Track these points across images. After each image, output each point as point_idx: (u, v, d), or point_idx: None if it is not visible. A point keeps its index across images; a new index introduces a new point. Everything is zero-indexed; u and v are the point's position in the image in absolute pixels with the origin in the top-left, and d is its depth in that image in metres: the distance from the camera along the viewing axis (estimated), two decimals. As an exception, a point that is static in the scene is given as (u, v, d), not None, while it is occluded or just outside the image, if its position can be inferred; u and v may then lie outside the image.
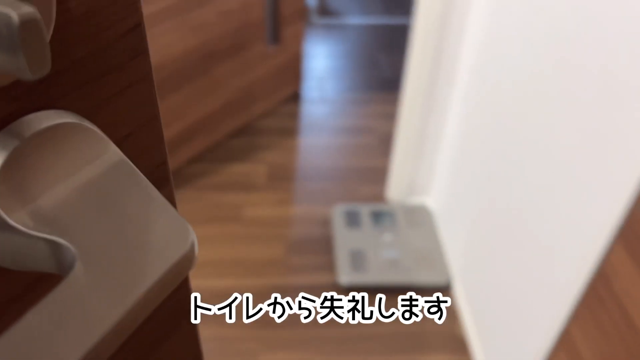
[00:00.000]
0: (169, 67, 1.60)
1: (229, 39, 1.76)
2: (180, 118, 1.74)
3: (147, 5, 1.43)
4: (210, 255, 1.56)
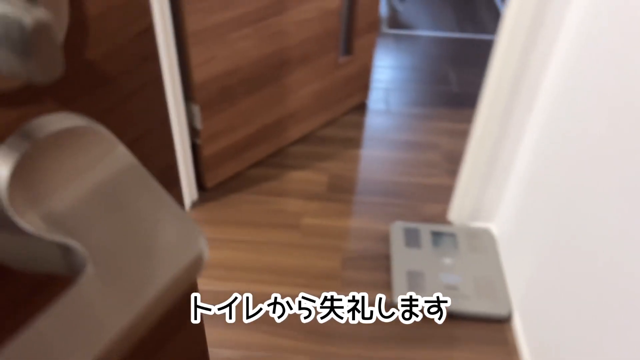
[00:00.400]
0: (242, 72, 1.62)
1: (302, 48, 1.77)
2: (248, 122, 1.76)
3: (226, 11, 1.46)
4: (268, 261, 1.57)
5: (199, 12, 1.40)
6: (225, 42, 1.51)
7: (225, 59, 1.54)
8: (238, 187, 1.82)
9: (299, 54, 1.77)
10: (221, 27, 1.47)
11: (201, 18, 1.41)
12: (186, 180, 1.66)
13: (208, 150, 1.69)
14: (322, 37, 1.82)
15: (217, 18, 1.45)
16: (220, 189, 1.80)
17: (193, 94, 1.54)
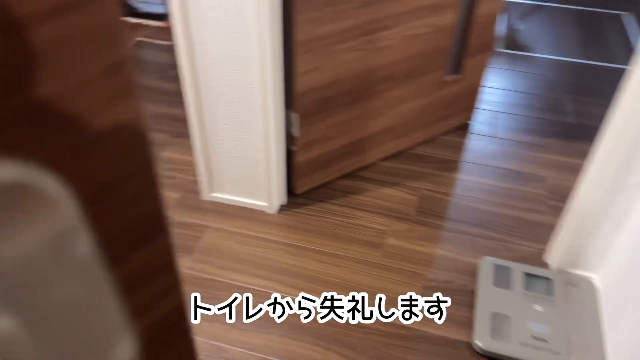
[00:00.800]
0: (344, 83, 1.61)
1: (408, 63, 1.71)
2: (344, 133, 1.74)
3: (335, 23, 1.45)
4: (344, 277, 1.54)
5: (309, 23, 1.40)
6: (330, 53, 1.50)
7: (329, 69, 1.54)
8: (326, 196, 1.81)
9: (403, 70, 1.72)
10: (329, 38, 1.47)
11: (310, 28, 1.41)
12: (277, 184, 1.67)
13: (302, 157, 1.70)
14: (430, 54, 1.75)
15: (326, 29, 1.44)
16: (309, 196, 1.81)
17: (294, 102, 1.55)
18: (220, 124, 1.56)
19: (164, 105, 2.19)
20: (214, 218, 1.71)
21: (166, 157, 1.94)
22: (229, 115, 1.53)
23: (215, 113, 1.53)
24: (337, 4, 1.42)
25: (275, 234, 1.67)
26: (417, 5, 1.58)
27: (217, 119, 1.55)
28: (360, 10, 1.47)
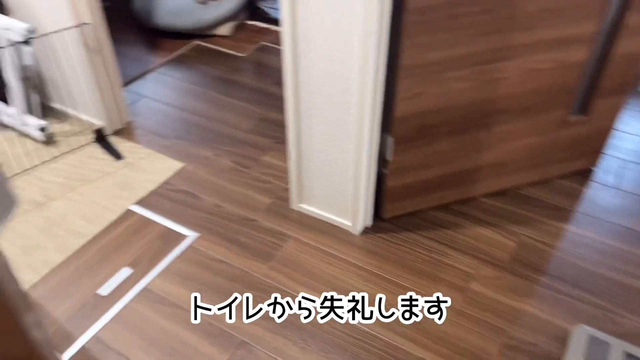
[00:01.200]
0: (449, 112, 1.52)
1: (525, 99, 1.57)
2: (443, 163, 1.65)
3: (446, 50, 1.37)
4: (418, 316, 1.46)
5: (416, 47, 1.34)
6: (437, 80, 1.43)
7: (433, 96, 1.46)
8: (415, 226, 1.73)
9: (519, 105, 1.58)
10: (437, 65, 1.39)
11: (418, 53, 1.35)
12: (364, 205, 1.63)
13: (393, 181, 1.64)
14: (552, 91, 1.59)
15: (435, 55, 1.37)
16: (396, 222, 1.74)
17: (390, 125, 1.50)
18: (315, 139, 1.56)
19: (274, 110, 2.25)
20: (298, 229, 1.71)
21: (266, 162, 1.99)
22: (325, 132, 1.52)
23: (311, 127, 1.53)
24: (451, 31, 1.34)
25: (354, 255, 1.63)
26: (542, 38, 1.44)
27: (312, 133, 1.55)
28: (476, 38, 1.38)
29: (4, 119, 2.05)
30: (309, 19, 1.32)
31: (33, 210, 1.75)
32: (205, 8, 2.68)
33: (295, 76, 1.44)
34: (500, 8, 1.34)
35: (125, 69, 2.51)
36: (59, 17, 1.85)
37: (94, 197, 1.81)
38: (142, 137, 2.10)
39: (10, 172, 1.90)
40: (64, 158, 1.97)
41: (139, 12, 2.73)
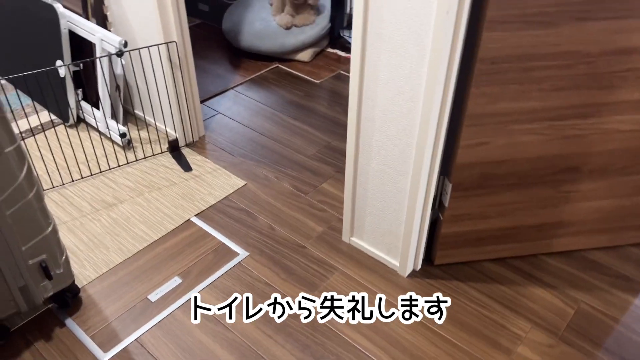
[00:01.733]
0: (514, 165, 1.46)
1: (603, 159, 1.48)
2: (503, 216, 1.58)
3: (515, 102, 1.32)
4: (456, 373, 1.39)
5: (484, 97, 1.31)
6: (504, 132, 1.38)
7: (498, 147, 1.41)
8: (466, 277, 1.66)
9: (594, 164, 1.49)
10: (505, 116, 1.35)
11: (484, 103, 1.32)
12: (414, 248, 1.60)
13: (448, 228, 1.59)
14: (632, 154, 1.49)
15: (503, 107, 1.33)
16: (447, 270, 1.68)
17: (450, 170, 1.46)
18: (371, 175, 1.55)
19: (339, 139, 2.27)
20: (346, 262, 1.70)
21: (324, 189, 2.00)
22: (381, 169, 1.51)
23: (369, 163, 1.53)
24: (523, 83, 1.30)
25: (397, 298, 1.59)
26: (625, 98, 1.36)
27: (369, 169, 1.54)
28: (550, 93, 1.32)
29: (91, 121, 2.22)
30: (377, 58, 1.33)
31: (102, 210, 1.87)
32: (289, 33, 2.77)
33: (358, 112, 1.45)
34: (580, 65, 1.28)
35: (207, 84, 2.64)
36: (150, 33, 1.99)
37: (158, 204, 1.90)
38: (212, 152, 2.19)
39: (90, 171, 2.05)
40: (137, 163, 2.10)
41: (228, 32, 2.87)
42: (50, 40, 2.10)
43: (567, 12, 1.19)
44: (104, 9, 2.11)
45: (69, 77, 2.10)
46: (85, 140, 2.18)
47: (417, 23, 1.20)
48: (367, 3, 1.25)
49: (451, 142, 1.44)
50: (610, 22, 1.22)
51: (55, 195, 1.94)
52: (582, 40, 1.24)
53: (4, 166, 1.19)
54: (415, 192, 1.46)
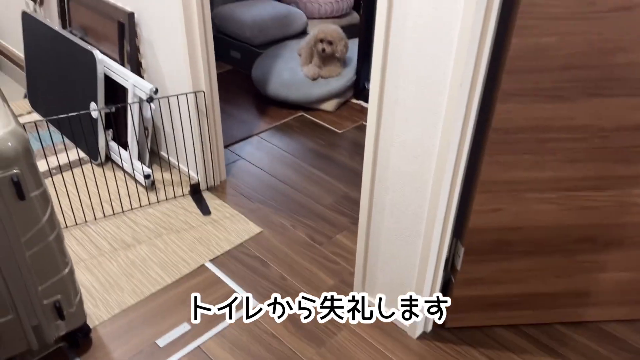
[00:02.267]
0: (529, 232, 1.45)
1: (620, 231, 1.46)
2: (518, 282, 1.56)
3: (530, 171, 1.32)
4: None
5: (497, 165, 1.32)
6: (518, 199, 1.38)
7: (512, 214, 1.41)
8: (477, 341, 1.63)
9: (610, 236, 1.47)
10: (518, 184, 1.35)
11: (498, 170, 1.33)
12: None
13: (460, 291, 1.57)
14: (651, 228, 1.46)
15: (517, 175, 1.33)
16: (458, 333, 1.65)
17: (464, 234, 1.46)
18: (384, 233, 1.56)
19: (357, 190, 2.30)
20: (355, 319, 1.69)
21: (338, 241, 2.01)
22: (394, 228, 1.52)
23: (382, 221, 1.54)
24: (537, 153, 1.30)
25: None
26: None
27: (382, 227, 1.55)
28: (565, 164, 1.32)
29: (118, 161, 2.30)
30: (392, 120, 1.36)
31: (121, 250, 1.92)
32: (315, 84, 2.85)
33: (372, 170, 1.48)
34: (595, 139, 1.28)
35: (232, 130, 2.72)
36: (180, 81, 2.07)
37: (175, 247, 1.94)
38: (231, 196, 2.24)
39: (113, 210, 2.11)
40: (159, 205, 2.15)
41: (257, 80, 2.97)
42: (86, 83, 2.21)
43: (581, 88, 1.21)
44: (138, 56, 2.22)
45: (100, 119, 2.20)
46: (111, 179, 2.26)
47: (431, 92, 1.23)
48: (384, 70, 1.30)
49: (464, 207, 1.44)
50: (625, 99, 1.23)
51: (77, 233, 2.00)
52: (596, 115, 1.25)
53: (29, 209, 1.25)
54: (427, 254, 1.46)
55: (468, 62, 1.14)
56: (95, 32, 2.38)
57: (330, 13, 3.51)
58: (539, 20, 1.12)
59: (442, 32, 1.15)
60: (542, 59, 1.17)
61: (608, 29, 1.13)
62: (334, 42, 2.82)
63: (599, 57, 1.17)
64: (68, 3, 2.51)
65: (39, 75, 2.58)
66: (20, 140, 1.19)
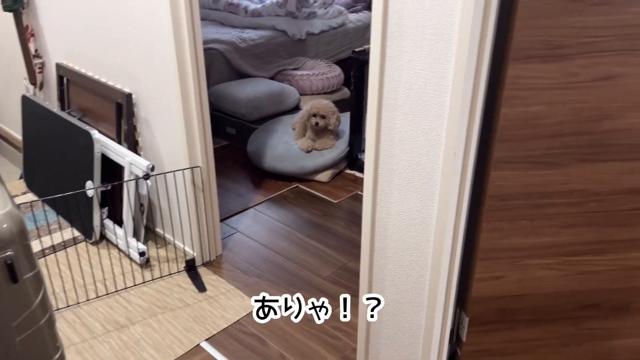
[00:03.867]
0: (533, 300, 1.42)
1: (624, 296, 1.44)
2: (527, 352, 1.51)
3: (528, 237, 1.32)
4: None
5: (495, 232, 1.31)
6: (518, 266, 1.37)
7: (514, 281, 1.39)
8: (489, 418, 1.54)
9: (615, 301, 1.44)
10: (518, 251, 1.34)
11: (496, 237, 1.32)
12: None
13: (467, 365, 1.52)
14: (656, 292, 1.44)
15: (515, 242, 1.33)
16: (468, 410, 1.57)
17: (466, 305, 1.43)
18: (385, 305, 1.52)
19: (356, 260, 2.27)
20: (359, 397, 1.61)
21: (339, 314, 1.96)
22: (395, 299, 1.49)
23: (382, 292, 1.51)
24: (534, 219, 1.31)
25: None
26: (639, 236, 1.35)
27: (384, 300, 1.52)
28: (562, 229, 1.33)
29: (113, 239, 2.28)
30: (389, 191, 1.37)
31: (114, 332, 1.85)
32: (309, 156, 2.90)
33: (371, 240, 1.47)
34: (590, 203, 1.29)
35: (228, 203, 2.72)
36: (177, 157, 2.10)
37: (170, 326, 1.88)
38: (227, 271, 2.20)
39: (106, 290, 2.06)
40: (153, 283, 2.11)
41: (252, 154, 3.02)
42: (83, 162, 2.23)
43: (572, 154, 1.23)
44: (135, 134, 2.26)
45: (96, 198, 2.20)
46: (105, 258, 2.22)
47: (426, 161, 1.25)
48: (378, 141, 1.32)
49: (466, 275, 1.42)
50: (617, 164, 1.25)
51: (69, 315, 1.93)
52: (590, 180, 1.27)
53: (21, 292, 1.21)
54: (431, 325, 1.42)
55: (460, 132, 1.16)
56: (93, 112, 2.43)
57: (322, 89, 3.63)
58: (526, 91, 1.16)
59: (433, 103, 1.19)
60: (532, 127, 1.20)
61: (593, 98, 1.17)
62: (326, 116, 2.90)
63: (587, 124, 1.20)
64: (68, 86, 2.59)
65: (37, 155, 2.61)
66: (16, 222, 1.18)
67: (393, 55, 1.22)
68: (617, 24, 1.10)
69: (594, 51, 1.13)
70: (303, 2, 4.02)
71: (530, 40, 1.11)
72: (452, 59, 1.12)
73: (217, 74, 3.58)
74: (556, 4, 1.08)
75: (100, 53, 2.27)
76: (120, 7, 2.03)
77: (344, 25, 4.21)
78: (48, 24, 2.59)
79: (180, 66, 1.88)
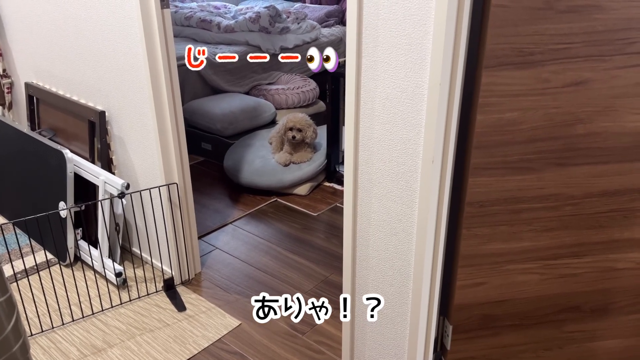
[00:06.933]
0: (515, 305, 1.43)
1: (603, 297, 1.46)
2: (509, 358, 1.51)
3: (508, 242, 1.33)
4: None
5: (475, 238, 1.32)
6: (500, 272, 1.38)
7: (496, 287, 1.40)
8: None
9: (595, 303, 1.46)
10: (498, 257, 1.35)
11: (476, 244, 1.33)
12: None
13: (452, 373, 1.51)
14: (635, 292, 1.46)
15: (495, 247, 1.34)
16: (455, 419, 1.56)
17: (449, 312, 1.43)
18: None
19: (337, 273, 2.25)
20: (345, 412, 1.59)
21: (322, 329, 1.94)
22: (379, 311, 1.48)
23: (366, 305, 1.50)
24: (513, 224, 1.32)
25: None
26: (615, 237, 1.37)
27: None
28: (541, 234, 1.34)
29: (88, 260, 2.22)
30: (369, 202, 1.37)
31: (90, 356, 1.79)
32: (287, 170, 2.89)
33: (353, 251, 1.46)
34: (566, 206, 1.32)
35: (205, 220, 2.68)
36: (153, 175, 2.07)
37: (149, 347, 1.83)
38: (207, 289, 2.16)
39: (82, 313, 2.00)
40: (131, 304, 2.05)
41: (229, 169, 2.99)
42: (56, 183, 2.18)
43: (547, 158, 1.25)
44: (109, 153, 2.22)
45: (70, 218, 2.14)
46: (80, 280, 2.16)
47: (404, 170, 1.26)
48: (357, 152, 1.32)
49: (448, 283, 1.43)
50: (590, 167, 1.27)
51: (43, 341, 1.87)
52: (564, 183, 1.29)
53: (-9, 318, 1.17)
54: (415, 334, 1.41)
55: (437, 139, 1.17)
56: (64, 131, 2.38)
57: (297, 103, 3.64)
58: (500, 97, 1.18)
59: (410, 112, 1.20)
60: (507, 133, 1.22)
61: (565, 103, 1.20)
62: (303, 129, 2.90)
63: (560, 129, 1.23)
64: (38, 106, 2.53)
65: (7, 177, 2.53)
66: (-15, 245, 1.14)
67: (369, 66, 1.22)
68: (585, 30, 1.13)
69: (564, 57, 1.15)
70: (276, 17, 4.04)
71: (503, 47, 1.13)
72: (427, 68, 1.13)
73: (191, 90, 3.56)
74: (526, 12, 1.10)
75: (72, 71, 2.24)
76: (91, 24, 2.01)
77: (318, 40, 4.25)
78: (16, 43, 2.54)
79: (154, 83, 1.86)
